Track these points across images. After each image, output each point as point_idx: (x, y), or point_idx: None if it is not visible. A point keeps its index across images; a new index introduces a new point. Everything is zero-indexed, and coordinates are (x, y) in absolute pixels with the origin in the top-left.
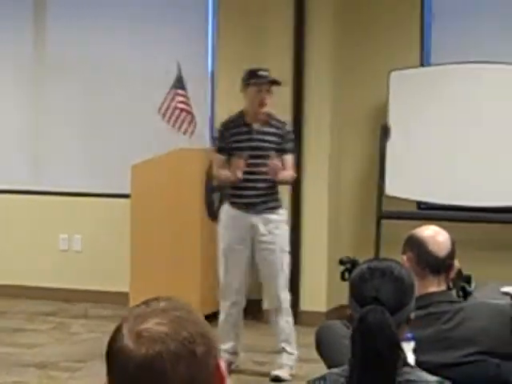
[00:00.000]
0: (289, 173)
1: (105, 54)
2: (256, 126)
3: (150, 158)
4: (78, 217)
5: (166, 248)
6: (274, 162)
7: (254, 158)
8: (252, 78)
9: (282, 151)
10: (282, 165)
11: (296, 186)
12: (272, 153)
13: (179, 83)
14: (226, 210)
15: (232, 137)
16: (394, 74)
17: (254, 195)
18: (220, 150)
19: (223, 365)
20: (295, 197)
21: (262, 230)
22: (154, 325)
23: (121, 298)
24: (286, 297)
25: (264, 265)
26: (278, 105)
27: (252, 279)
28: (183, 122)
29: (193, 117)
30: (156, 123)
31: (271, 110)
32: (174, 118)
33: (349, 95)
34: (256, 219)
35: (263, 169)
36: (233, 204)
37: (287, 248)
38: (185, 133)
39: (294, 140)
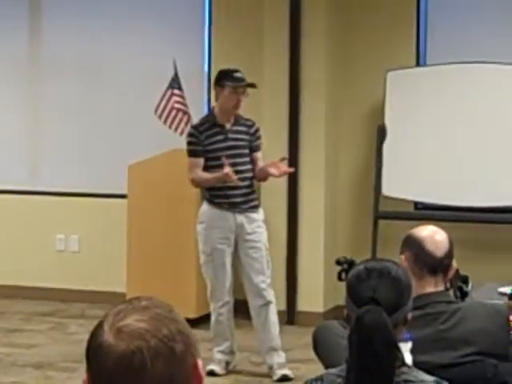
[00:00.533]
0: None
1: (101, 54)
2: (228, 126)
3: (147, 158)
4: (74, 217)
5: (163, 248)
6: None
7: (232, 158)
8: (228, 79)
9: (252, 148)
10: (254, 162)
11: (292, 186)
12: (245, 151)
13: (175, 83)
14: (207, 211)
15: (207, 139)
16: (390, 74)
17: (236, 194)
18: (197, 154)
19: (201, 364)
20: (292, 197)
21: (248, 229)
22: (134, 321)
23: (118, 298)
24: (272, 293)
25: (250, 263)
26: (274, 105)
27: (239, 278)
28: (180, 122)
29: (189, 117)
30: (153, 123)
31: (264, 109)
32: (170, 118)
33: (345, 95)
34: (241, 218)
35: (242, 167)
36: (215, 204)
37: (267, 246)
38: (181, 133)
39: (261, 137)
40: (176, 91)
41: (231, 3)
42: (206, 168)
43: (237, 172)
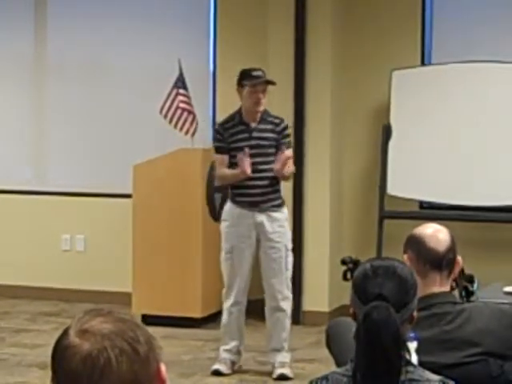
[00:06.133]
0: (292, 167)
1: (106, 54)
2: (253, 125)
3: (152, 157)
4: (80, 217)
5: (168, 248)
6: (284, 155)
7: (254, 157)
8: (246, 78)
9: (279, 147)
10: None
11: (298, 186)
12: (271, 150)
13: (180, 82)
14: (230, 209)
15: (231, 137)
16: (395, 74)
17: (257, 193)
18: (220, 151)
19: (164, 369)
20: (297, 197)
21: (269, 228)
22: (99, 323)
23: (123, 298)
24: (288, 295)
25: (269, 263)
26: (280, 105)
27: (252, 278)
28: (185, 122)
29: (194, 117)
30: (158, 123)
31: (270, 108)
32: (175, 118)
33: (350, 95)
34: (261, 217)
35: (264, 166)
36: (237, 203)
37: (290, 246)
38: (186, 133)
39: (290, 135)
40: (181, 91)
41: (236, 3)
42: (231, 165)
43: (258, 171)
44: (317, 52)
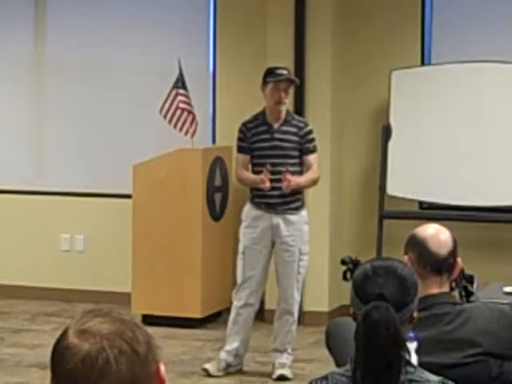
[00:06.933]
0: (308, 177)
1: (106, 53)
2: (276, 126)
3: (152, 157)
4: (79, 217)
5: (168, 248)
6: (289, 176)
7: (274, 158)
8: (269, 76)
9: (303, 151)
10: (305, 165)
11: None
12: (293, 153)
13: (180, 83)
14: (248, 210)
15: (253, 136)
16: (395, 74)
17: (276, 195)
18: (242, 150)
19: (163, 369)
20: None
21: (284, 231)
22: (97, 323)
23: (123, 298)
24: (297, 299)
25: (283, 265)
26: None
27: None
28: (185, 122)
29: (194, 117)
30: (157, 123)
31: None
32: (175, 118)
33: (350, 95)
34: (277, 219)
35: (282, 168)
36: (255, 204)
37: (306, 250)
38: (186, 133)
39: (315, 139)
40: (181, 91)
41: (236, 3)
42: (253, 165)
43: (277, 173)
44: (317, 52)
